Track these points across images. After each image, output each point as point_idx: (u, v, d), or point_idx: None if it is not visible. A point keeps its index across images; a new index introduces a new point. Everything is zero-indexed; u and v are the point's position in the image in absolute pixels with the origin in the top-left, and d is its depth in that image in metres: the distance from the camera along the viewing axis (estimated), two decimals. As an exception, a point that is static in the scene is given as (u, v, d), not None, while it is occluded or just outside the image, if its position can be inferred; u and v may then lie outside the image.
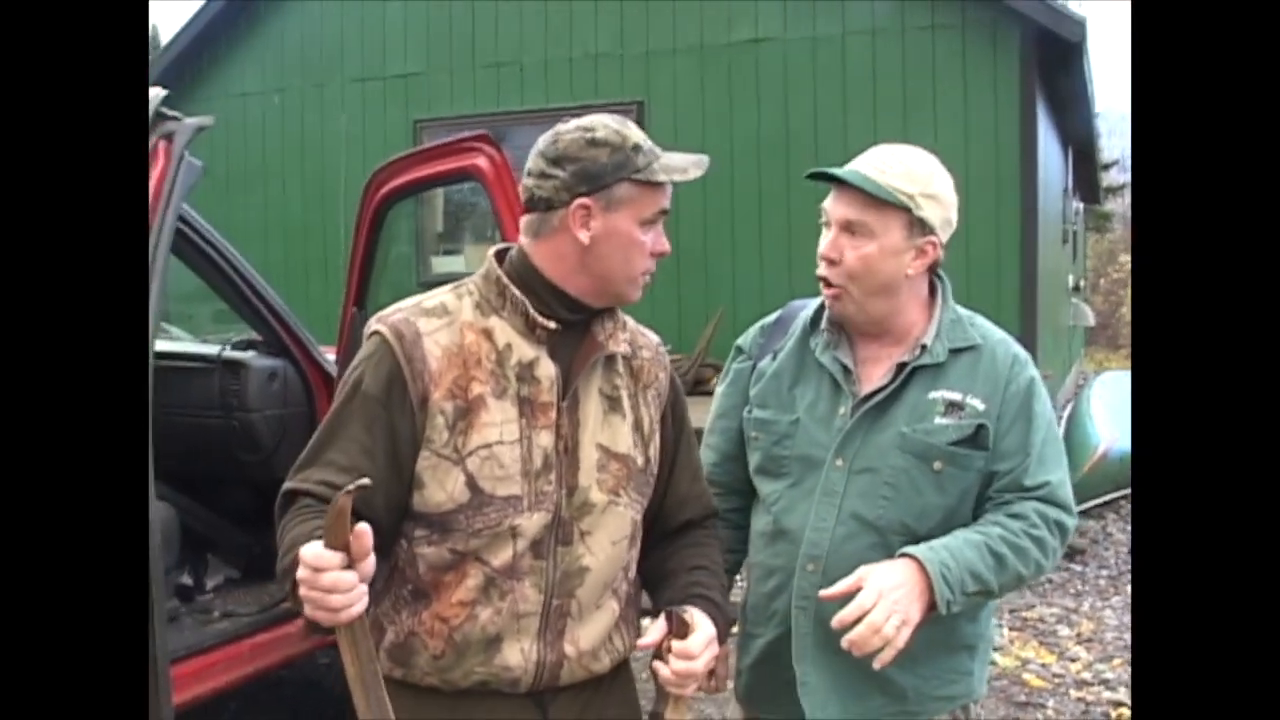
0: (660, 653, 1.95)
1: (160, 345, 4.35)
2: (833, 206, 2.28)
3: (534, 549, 1.96)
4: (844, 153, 2.32)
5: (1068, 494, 2.28)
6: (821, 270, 2.30)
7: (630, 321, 2.15)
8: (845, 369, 2.31)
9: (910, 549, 2.14)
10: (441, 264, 9.86)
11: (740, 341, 2.53)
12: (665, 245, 2.03)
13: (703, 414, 2.54)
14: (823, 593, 2.15)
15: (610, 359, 2.06)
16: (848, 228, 2.25)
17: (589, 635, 2.03)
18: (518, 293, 1.98)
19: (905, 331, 2.31)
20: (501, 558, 1.95)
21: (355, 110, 10.72)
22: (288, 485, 1.95)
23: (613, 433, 2.04)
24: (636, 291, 2.04)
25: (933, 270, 2.34)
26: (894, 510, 2.24)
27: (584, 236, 1.95)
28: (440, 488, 1.93)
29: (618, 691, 2.15)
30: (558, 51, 10.18)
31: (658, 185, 1.98)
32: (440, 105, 10.52)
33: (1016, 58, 9.12)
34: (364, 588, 1.69)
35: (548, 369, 1.98)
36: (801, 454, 2.32)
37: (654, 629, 1.98)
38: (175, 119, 3.28)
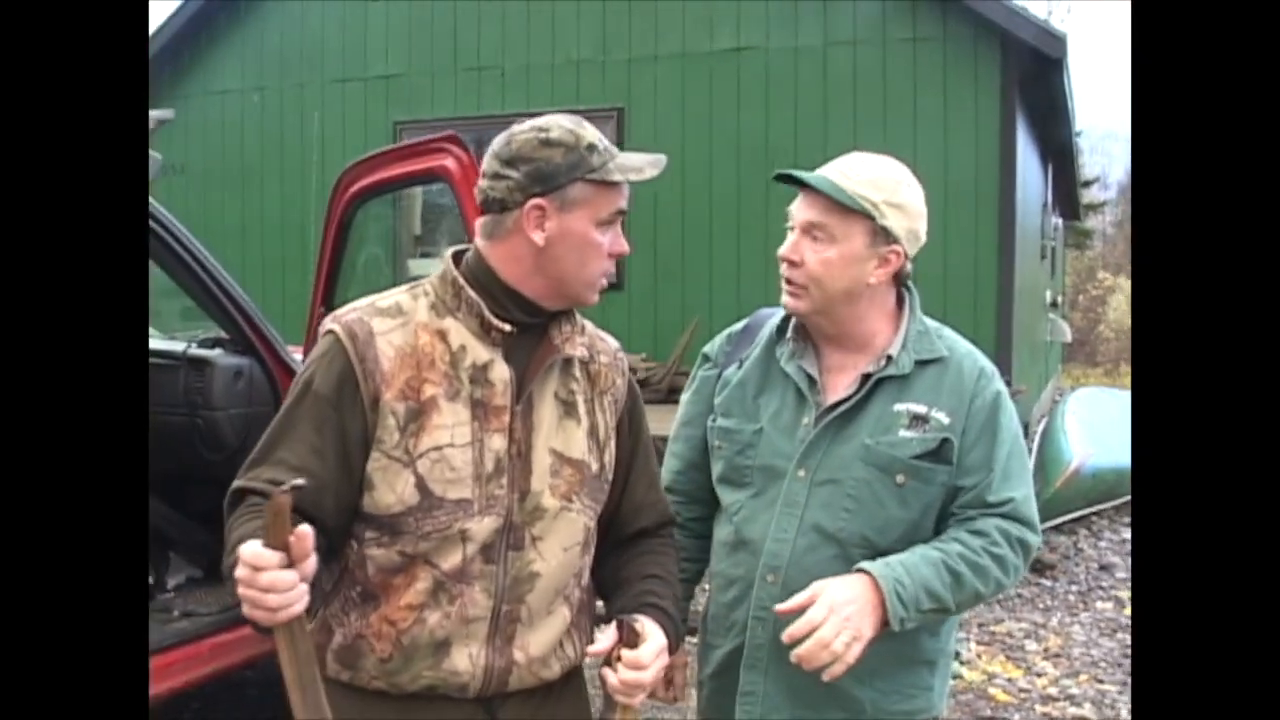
0: (610, 660, 1.93)
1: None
2: (797, 209, 2.27)
3: (484, 553, 1.93)
4: (823, 163, 2.30)
5: (1031, 510, 2.26)
6: (783, 270, 2.28)
7: (589, 325, 2.13)
8: (810, 378, 2.29)
9: (865, 564, 2.12)
10: (418, 267, 9.78)
11: (707, 349, 2.52)
12: (623, 246, 2.00)
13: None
14: (778, 607, 2.13)
15: (567, 363, 2.04)
16: (809, 231, 2.23)
17: (539, 641, 2.00)
18: (473, 294, 1.95)
19: (868, 340, 2.29)
20: (451, 561, 1.92)
21: (335, 110, 10.69)
22: (237, 483, 1.93)
23: (567, 438, 2.01)
24: (593, 294, 2.01)
25: (900, 281, 2.31)
26: (855, 523, 2.22)
27: (538, 238, 1.92)
28: (390, 489, 1.90)
29: (569, 698, 2.12)
30: (539, 56, 10.18)
31: (613, 185, 1.95)
32: (420, 107, 10.50)
33: (997, 71, 9.16)
34: (304, 588, 1.66)
35: (502, 372, 1.95)
36: (764, 464, 2.30)
37: (604, 637, 1.96)
38: None
